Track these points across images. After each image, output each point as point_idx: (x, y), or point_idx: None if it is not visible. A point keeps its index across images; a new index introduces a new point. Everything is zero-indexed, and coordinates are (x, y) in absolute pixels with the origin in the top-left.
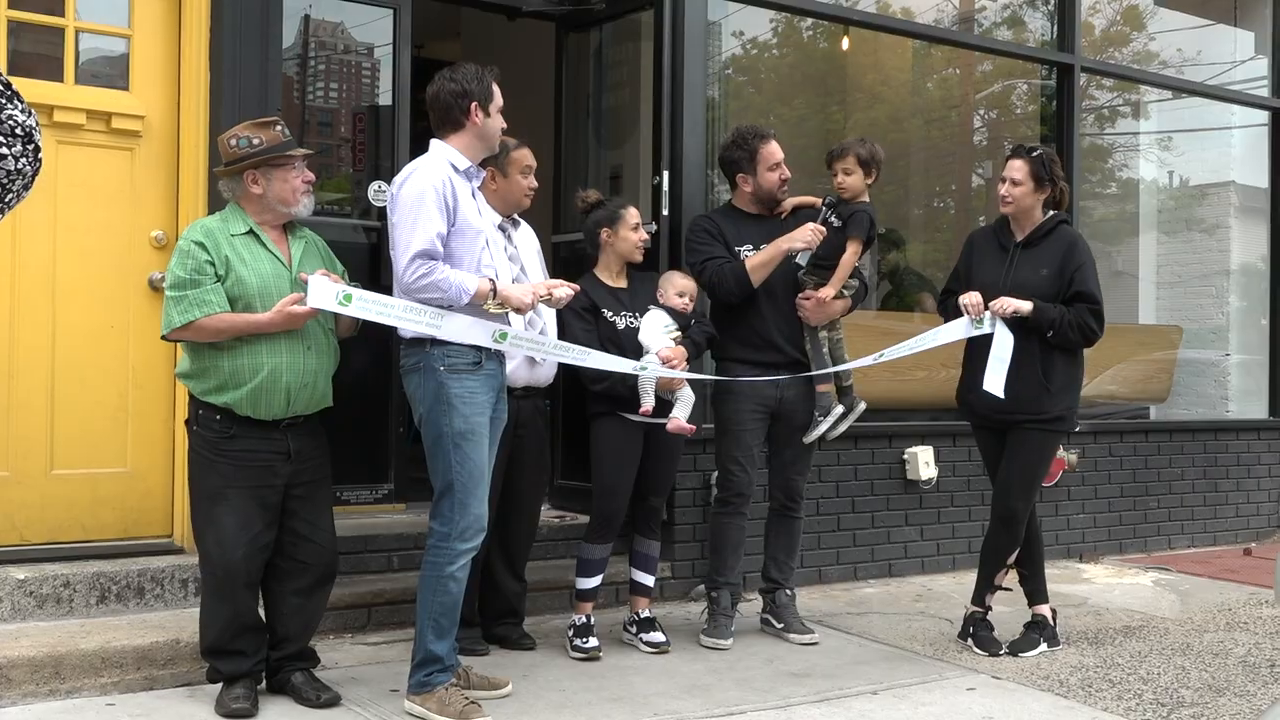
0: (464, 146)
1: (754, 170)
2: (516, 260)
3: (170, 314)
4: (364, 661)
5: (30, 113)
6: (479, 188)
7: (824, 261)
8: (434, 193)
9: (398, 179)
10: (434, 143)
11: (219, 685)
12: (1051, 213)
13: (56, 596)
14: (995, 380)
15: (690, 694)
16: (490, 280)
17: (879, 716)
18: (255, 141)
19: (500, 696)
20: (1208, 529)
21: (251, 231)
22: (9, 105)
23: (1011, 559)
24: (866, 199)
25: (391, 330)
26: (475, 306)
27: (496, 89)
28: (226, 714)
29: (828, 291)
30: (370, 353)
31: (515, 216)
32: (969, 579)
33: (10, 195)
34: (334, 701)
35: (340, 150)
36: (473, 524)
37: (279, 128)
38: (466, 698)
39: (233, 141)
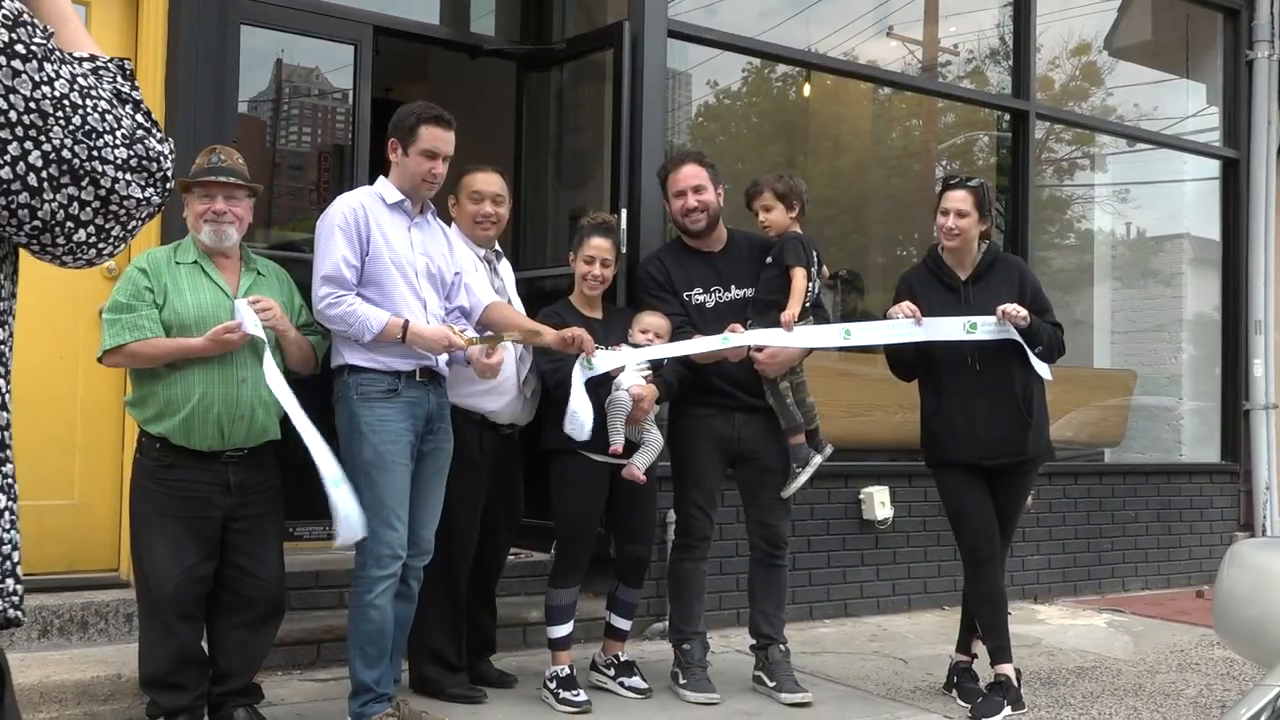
0: (396, 181)
1: (668, 198)
2: (504, 293)
3: (104, 336)
4: (311, 698)
5: (166, 140)
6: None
7: (773, 299)
8: (342, 220)
9: (328, 208)
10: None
11: None
12: (986, 243)
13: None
14: (1042, 368)
15: None
16: (403, 320)
17: None
18: (195, 163)
19: None
20: (1161, 571)
21: (197, 261)
22: (149, 137)
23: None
24: (797, 229)
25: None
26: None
27: (428, 132)
28: None
29: (792, 312)
30: (325, 389)
31: (498, 249)
32: (924, 619)
33: (134, 223)
34: None
35: (311, 192)
36: (385, 552)
37: (215, 156)
38: None
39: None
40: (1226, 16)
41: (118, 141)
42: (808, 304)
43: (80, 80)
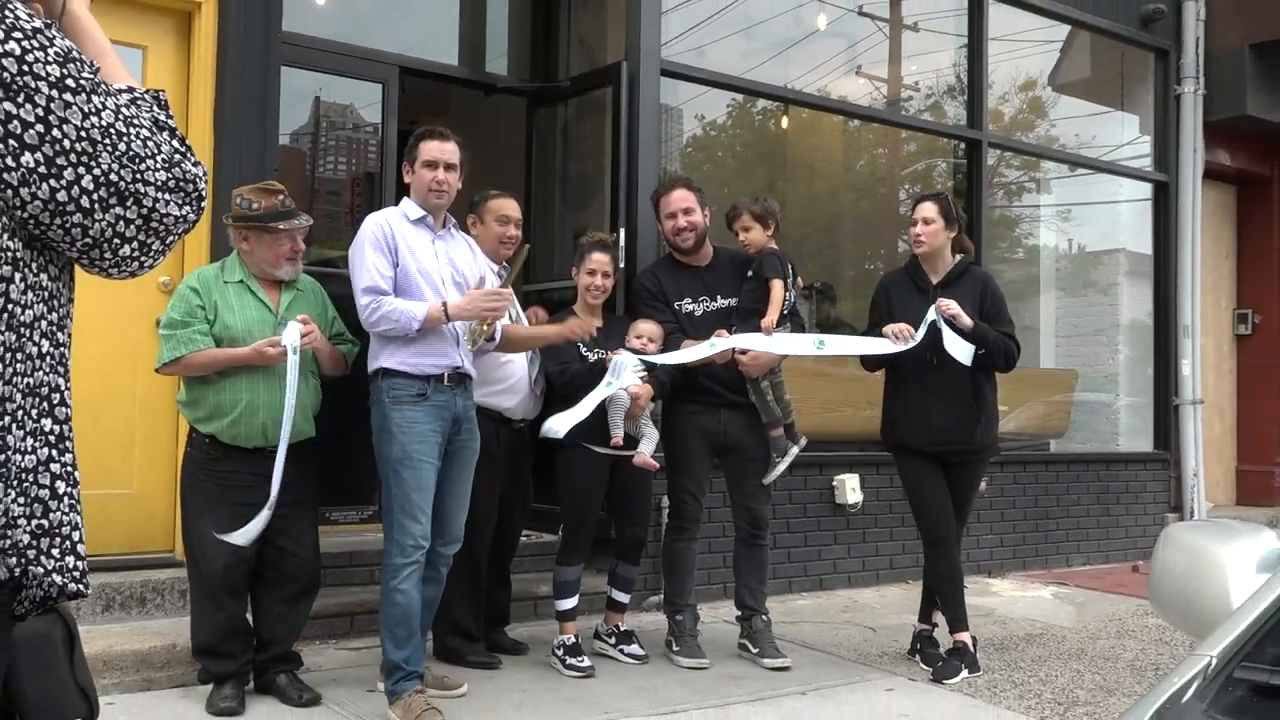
0: (414, 198)
1: (660, 219)
2: (514, 304)
3: (161, 350)
4: (345, 665)
5: (199, 164)
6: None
7: (754, 308)
8: (372, 237)
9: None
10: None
11: (209, 686)
12: (960, 255)
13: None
14: (961, 350)
15: (638, 695)
16: (441, 303)
17: (807, 714)
18: (255, 205)
19: (456, 696)
20: (1101, 548)
21: (243, 281)
22: (185, 161)
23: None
24: (774, 246)
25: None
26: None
27: (426, 146)
28: (216, 712)
29: (771, 319)
30: (356, 389)
31: (507, 264)
32: (890, 592)
33: (172, 238)
34: (315, 701)
35: (346, 214)
36: (409, 543)
37: (280, 197)
38: (428, 703)
39: (239, 200)
40: (1157, 56)
41: (158, 165)
42: (785, 312)
43: (123, 110)
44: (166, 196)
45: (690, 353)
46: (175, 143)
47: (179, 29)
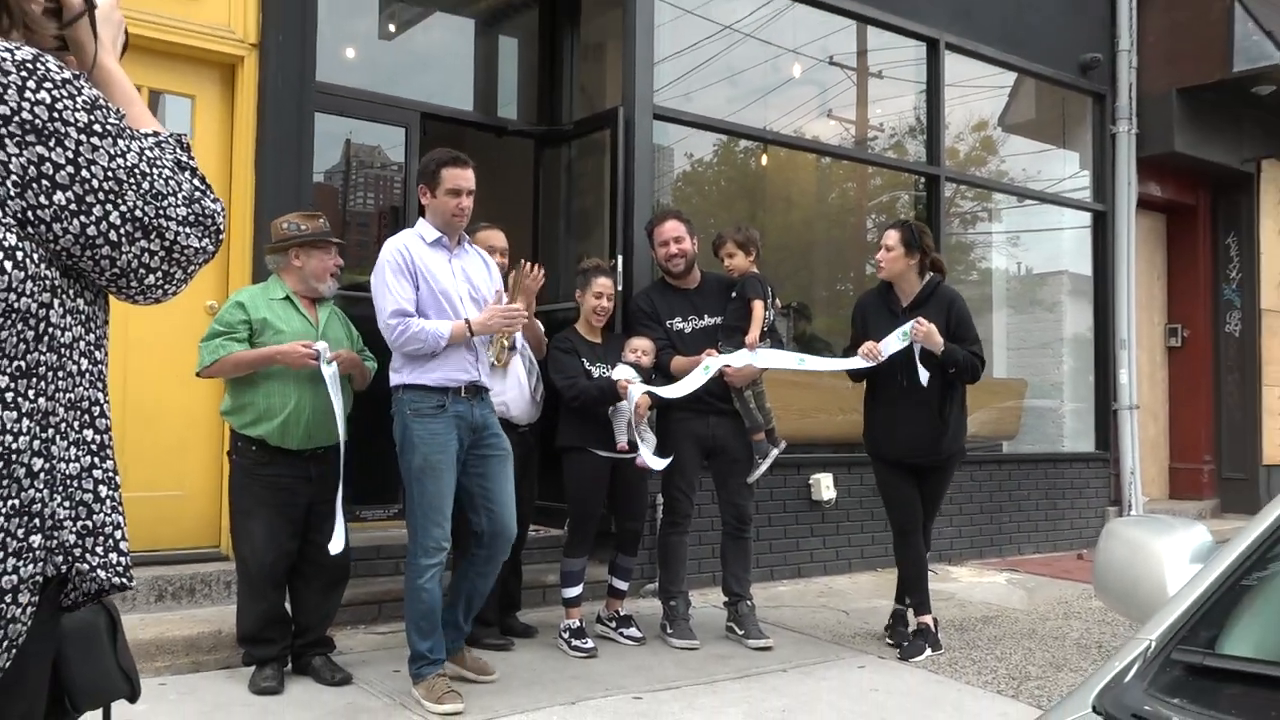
0: (431, 218)
1: (654, 247)
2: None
3: (201, 356)
4: (373, 648)
5: (218, 200)
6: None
7: (737, 325)
8: (392, 263)
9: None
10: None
11: (252, 668)
12: (930, 275)
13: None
14: (922, 373)
15: (636, 673)
16: (463, 320)
17: (787, 689)
18: (302, 227)
19: (487, 681)
20: (1049, 539)
21: (288, 298)
22: (205, 198)
23: None
24: (755, 270)
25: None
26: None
27: (449, 174)
28: (258, 691)
29: (754, 335)
30: (383, 398)
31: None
32: (861, 579)
33: (193, 268)
34: (347, 681)
35: (374, 244)
36: (431, 545)
37: (321, 220)
38: (449, 686)
39: (285, 225)
40: (1095, 100)
41: (179, 202)
42: (765, 328)
43: (147, 152)
44: (187, 230)
45: (690, 380)
46: (195, 181)
47: (224, 80)
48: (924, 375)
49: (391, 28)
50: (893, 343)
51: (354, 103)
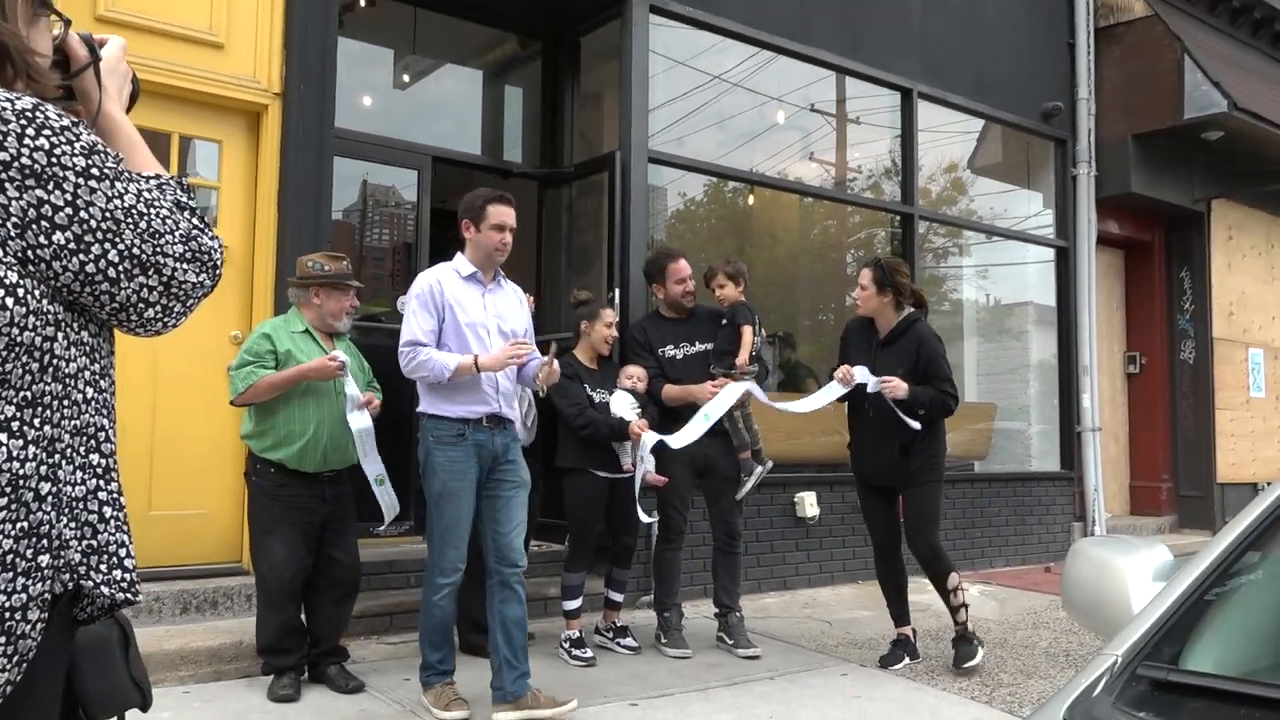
0: (470, 255)
1: (664, 282)
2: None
3: (235, 384)
4: (385, 657)
5: (216, 238)
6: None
7: (728, 349)
8: (420, 295)
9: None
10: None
11: (271, 676)
12: (908, 312)
13: (149, 609)
14: (912, 422)
15: (632, 680)
16: (472, 356)
17: (775, 696)
18: (326, 268)
19: (568, 712)
20: (1018, 553)
21: (307, 331)
22: (202, 235)
23: (955, 581)
24: (743, 299)
25: (410, 406)
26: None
27: (495, 210)
28: (276, 699)
29: (743, 357)
30: (396, 421)
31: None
32: (843, 591)
33: (192, 302)
34: (360, 688)
35: (388, 278)
36: (447, 566)
37: (344, 263)
38: (455, 694)
39: (310, 263)
40: (1057, 144)
41: (176, 239)
42: (753, 354)
43: (145, 193)
44: (185, 266)
45: (692, 429)
46: (194, 220)
47: (249, 126)
48: (914, 423)
49: (405, 78)
50: (864, 374)
51: (370, 147)
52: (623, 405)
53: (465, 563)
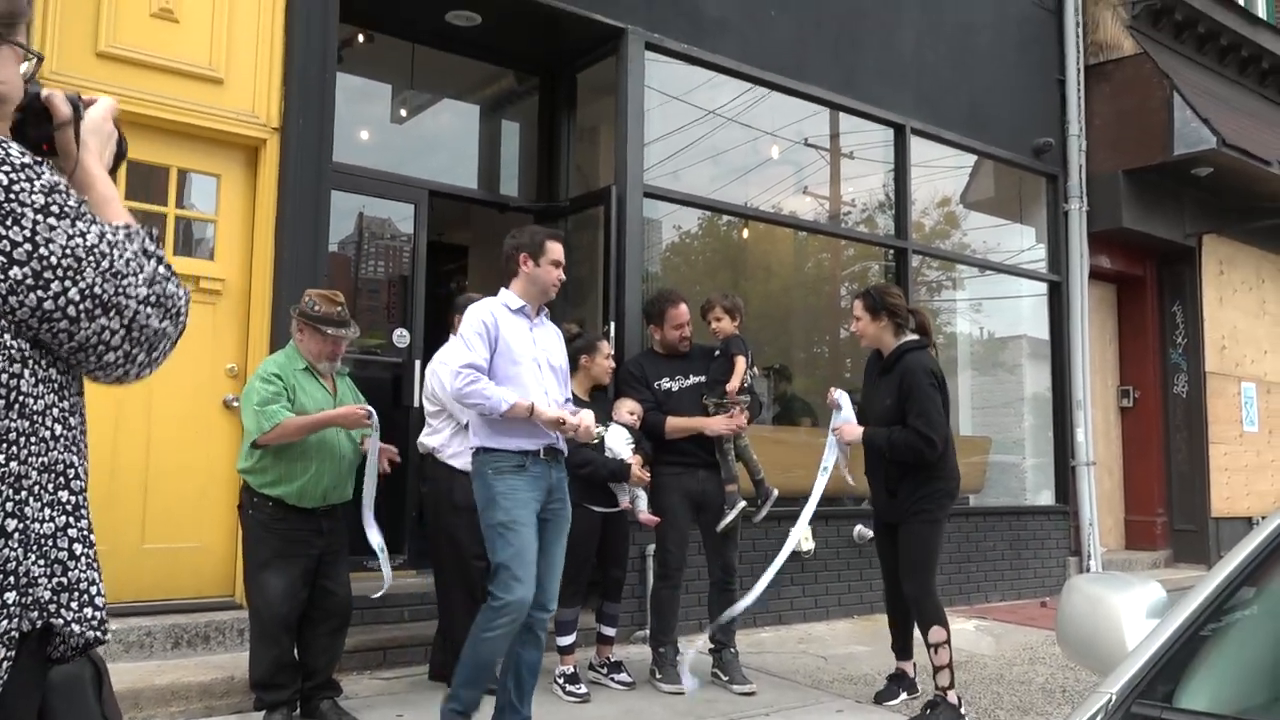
0: (520, 291)
1: (662, 325)
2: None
3: (261, 423)
4: (378, 693)
5: (181, 285)
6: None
7: (720, 379)
8: (479, 326)
9: (465, 315)
10: (501, 290)
11: (263, 712)
12: (905, 340)
13: (140, 643)
14: (829, 455)
15: (627, 716)
16: (529, 403)
17: None
18: (317, 308)
19: None
20: (1014, 587)
21: (308, 368)
22: (168, 282)
23: (938, 636)
24: (738, 332)
25: (406, 438)
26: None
27: (554, 246)
28: None
29: (734, 385)
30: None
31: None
32: (839, 626)
33: (158, 353)
34: None
35: (380, 310)
36: (513, 601)
37: (339, 308)
38: None
39: (306, 300)
40: (1048, 180)
41: (140, 282)
42: (746, 385)
43: (109, 236)
44: (149, 310)
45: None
46: (160, 267)
47: (248, 160)
48: (830, 455)
49: (403, 112)
50: (845, 400)
51: (368, 181)
52: (619, 440)
53: (530, 599)
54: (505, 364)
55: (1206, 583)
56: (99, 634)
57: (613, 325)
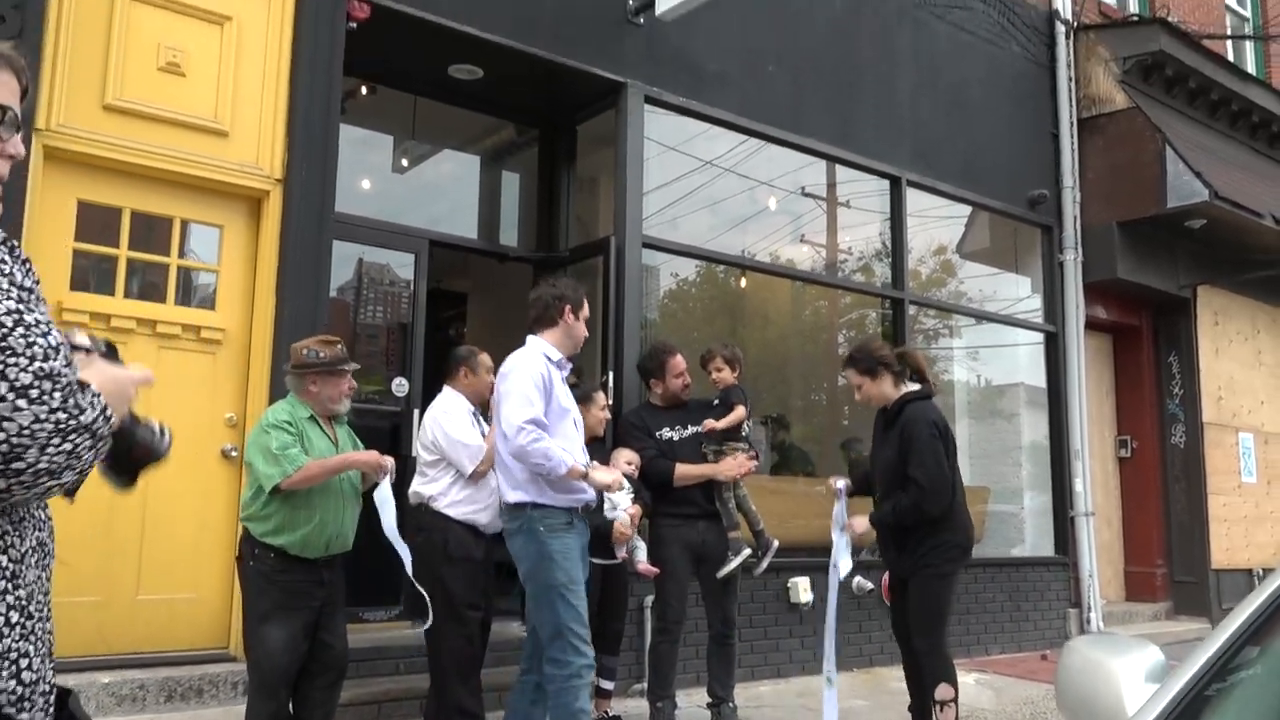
0: (556, 341)
1: (663, 377)
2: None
3: (284, 467)
4: None
5: (91, 401)
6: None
7: (721, 427)
8: (538, 378)
9: (508, 364)
10: (531, 338)
11: None
12: (905, 391)
13: (133, 696)
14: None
15: None
16: (584, 469)
17: None
18: (321, 354)
19: None
20: (1014, 639)
21: (312, 417)
22: (61, 377)
23: (944, 694)
24: (737, 383)
25: (406, 487)
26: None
27: (585, 301)
28: None
29: (719, 424)
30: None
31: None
32: (840, 679)
33: (32, 476)
34: None
35: (379, 356)
36: (585, 663)
37: (339, 347)
38: None
39: (304, 351)
40: (1043, 231)
41: (23, 365)
42: (744, 435)
43: (19, 314)
44: (22, 404)
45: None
46: (68, 371)
47: (250, 211)
48: (842, 566)
49: (404, 162)
50: (842, 483)
51: (369, 231)
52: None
53: (593, 660)
54: (555, 419)
55: (1209, 643)
56: (12, 711)
57: (611, 375)
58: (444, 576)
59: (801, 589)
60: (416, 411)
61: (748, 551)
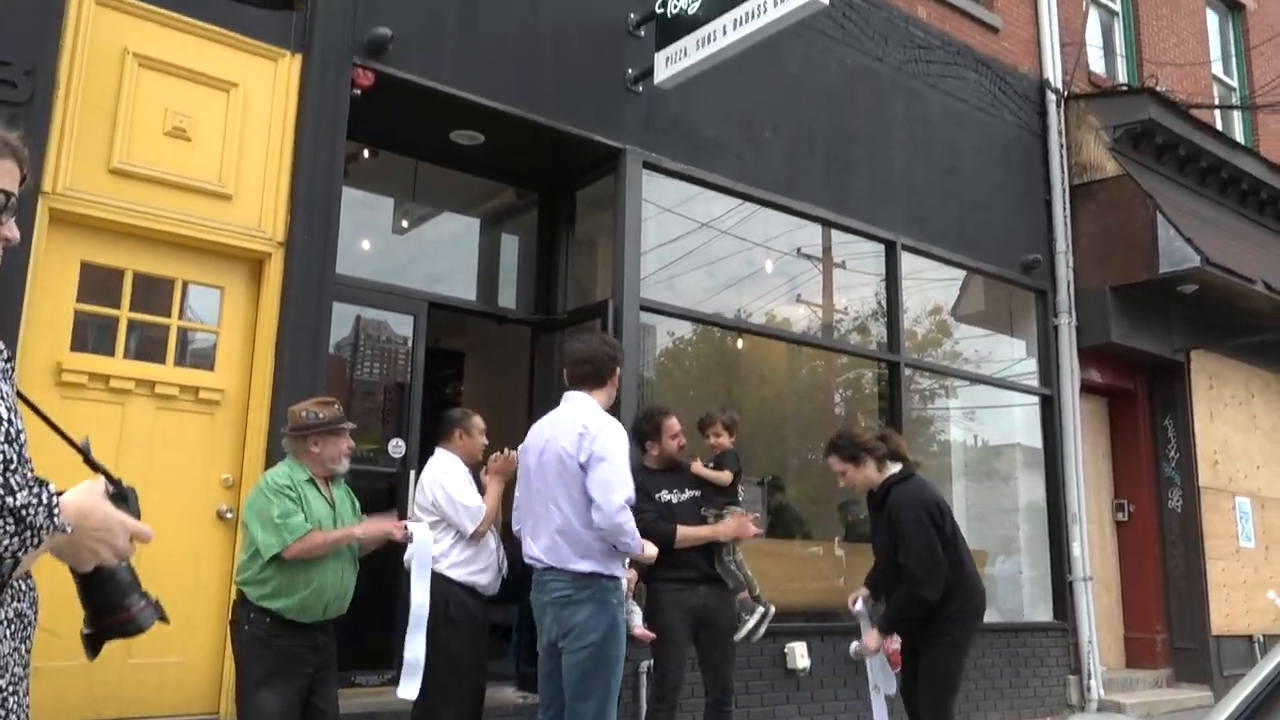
0: (604, 400)
1: (659, 439)
2: None
3: (284, 536)
4: None
5: (39, 491)
6: None
7: (716, 492)
8: (626, 449)
9: (599, 426)
10: (583, 395)
11: None
12: (889, 473)
13: None
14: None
15: None
16: (648, 551)
17: None
18: (320, 415)
19: None
20: (1014, 706)
21: (310, 480)
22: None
23: None
24: (732, 447)
25: (395, 549)
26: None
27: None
28: None
29: (706, 473)
30: (381, 567)
31: None
32: None
33: None
34: None
35: (375, 413)
36: None
37: (336, 407)
38: None
39: (303, 413)
40: (1037, 295)
41: None
42: (739, 498)
43: None
44: None
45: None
46: (11, 453)
47: (252, 274)
48: (887, 681)
49: (404, 224)
50: (860, 604)
51: (369, 293)
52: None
53: None
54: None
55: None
56: None
57: None
58: (445, 639)
59: (798, 654)
60: (413, 473)
61: (761, 610)
